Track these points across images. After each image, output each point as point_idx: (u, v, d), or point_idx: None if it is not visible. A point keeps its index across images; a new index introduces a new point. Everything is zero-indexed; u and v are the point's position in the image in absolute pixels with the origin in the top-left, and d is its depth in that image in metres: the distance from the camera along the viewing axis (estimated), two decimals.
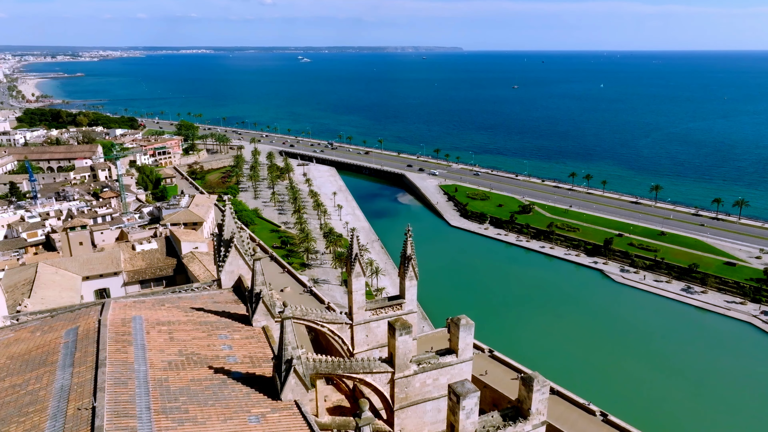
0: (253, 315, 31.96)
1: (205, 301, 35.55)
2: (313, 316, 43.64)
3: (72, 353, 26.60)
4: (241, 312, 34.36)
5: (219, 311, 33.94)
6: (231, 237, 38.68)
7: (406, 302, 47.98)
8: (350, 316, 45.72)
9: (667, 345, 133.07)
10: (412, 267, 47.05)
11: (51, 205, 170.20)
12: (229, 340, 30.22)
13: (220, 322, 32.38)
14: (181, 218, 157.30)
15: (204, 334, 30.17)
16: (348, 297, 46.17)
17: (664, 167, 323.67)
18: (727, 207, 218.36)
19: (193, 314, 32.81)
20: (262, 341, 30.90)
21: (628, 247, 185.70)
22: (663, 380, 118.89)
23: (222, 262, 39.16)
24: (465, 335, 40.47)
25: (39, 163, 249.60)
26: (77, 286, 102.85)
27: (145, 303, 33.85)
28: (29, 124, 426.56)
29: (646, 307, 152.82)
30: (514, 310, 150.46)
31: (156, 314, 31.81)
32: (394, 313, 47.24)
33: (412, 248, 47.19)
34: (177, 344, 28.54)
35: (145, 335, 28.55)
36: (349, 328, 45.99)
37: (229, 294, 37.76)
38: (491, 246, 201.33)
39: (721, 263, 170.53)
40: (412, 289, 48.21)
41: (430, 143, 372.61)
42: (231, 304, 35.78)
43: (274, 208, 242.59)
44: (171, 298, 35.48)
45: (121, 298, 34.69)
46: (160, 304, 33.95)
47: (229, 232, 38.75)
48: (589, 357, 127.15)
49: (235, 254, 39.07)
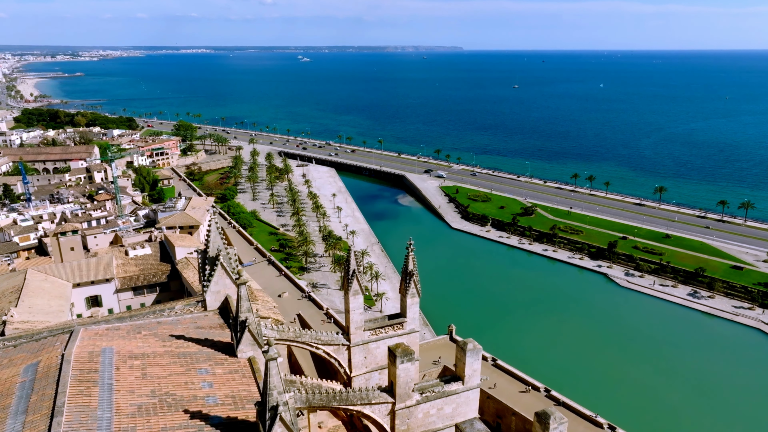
0: (237, 345, 28.81)
1: (187, 327, 32.33)
2: (307, 337, 40.35)
3: (28, 396, 23.39)
4: (225, 339, 31.16)
5: (201, 339, 30.72)
6: (217, 254, 35.46)
7: (407, 321, 44.66)
8: (347, 337, 42.44)
9: (675, 352, 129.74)
10: (414, 283, 43.75)
11: (45, 208, 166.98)
12: (210, 375, 26.98)
13: (202, 353, 29.14)
14: (177, 221, 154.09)
15: (182, 369, 26.93)
16: (345, 316, 42.86)
17: (666, 168, 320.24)
18: (733, 209, 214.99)
19: (171, 344, 29.59)
20: (247, 375, 27.68)
21: (632, 250, 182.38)
22: (670, 390, 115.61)
23: (207, 282, 35.93)
24: (472, 361, 37.21)
25: (34, 165, 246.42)
26: (67, 293, 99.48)
27: (120, 330, 30.62)
28: (27, 125, 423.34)
29: (651, 312, 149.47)
30: (517, 315, 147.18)
31: (130, 345, 28.59)
32: (395, 333, 43.95)
33: (414, 263, 43.91)
34: (150, 382, 25.30)
35: (114, 372, 25.29)
36: (346, 350, 42.72)
37: (215, 317, 34.52)
38: (493, 249, 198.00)
39: (728, 267, 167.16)
40: (414, 307, 44.89)
41: (430, 144, 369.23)
42: (215, 330, 32.55)
43: (272, 209, 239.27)
44: (149, 324, 32.24)
45: (93, 325, 31.49)
46: (136, 331, 30.74)
47: (214, 249, 35.53)
48: (594, 365, 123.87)
49: (222, 273, 35.84)
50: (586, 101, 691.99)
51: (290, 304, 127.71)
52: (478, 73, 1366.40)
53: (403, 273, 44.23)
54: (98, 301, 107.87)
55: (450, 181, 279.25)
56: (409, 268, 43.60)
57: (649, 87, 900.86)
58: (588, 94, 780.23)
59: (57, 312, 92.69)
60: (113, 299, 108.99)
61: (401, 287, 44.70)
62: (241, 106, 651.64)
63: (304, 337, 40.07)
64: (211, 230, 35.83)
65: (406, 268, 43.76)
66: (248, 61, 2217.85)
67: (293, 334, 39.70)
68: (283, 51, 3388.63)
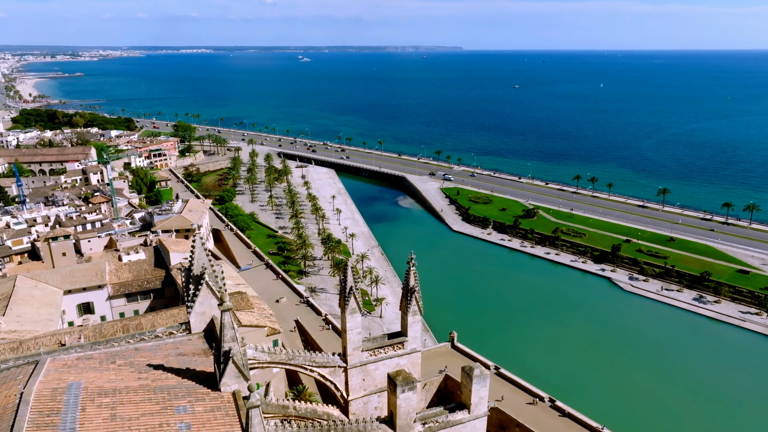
0: (221, 378, 25.99)
1: (168, 354, 29.52)
2: (301, 359, 37.48)
3: None
4: (209, 368, 28.32)
5: (182, 369, 27.88)
6: (202, 272, 32.60)
7: (408, 340, 41.76)
8: (344, 358, 39.57)
9: (682, 360, 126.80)
10: (415, 300, 40.85)
11: (39, 211, 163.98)
12: (189, 414, 24.14)
13: (181, 386, 26.28)
14: (173, 224, 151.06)
15: (157, 408, 24.07)
16: (342, 336, 39.96)
17: (668, 169, 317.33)
18: (738, 211, 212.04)
19: (148, 375, 26.75)
20: (230, 413, 24.84)
21: (636, 253, 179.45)
22: (678, 399, 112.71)
23: (191, 302, 33.08)
24: (479, 388, 34.35)
25: (30, 166, 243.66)
26: (57, 301, 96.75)
27: (92, 359, 27.75)
28: (24, 125, 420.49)
29: (657, 317, 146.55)
30: (520, 320, 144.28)
31: (101, 378, 25.75)
32: (395, 353, 41.07)
33: (416, 279, 40.99)
34: (119, 425, 22.45)
35: (78, 414, 22.42)
36: (343, 372, 39.86)
37: (199, 341, 31.68)
38: (495, 252, 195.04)
39: (734, 271, 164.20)
40: (415, 325, 41.98)
41: (430, 144, 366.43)
42: (199, 357, 29.72)
43: (271, 211, 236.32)
44: (126, 351, 29.37)
45: (63, 354, 28.64)
46: (110, 361, 27.88)
47: (199, 267, 32.67)
48: (599, 373, 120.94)
49: (207, 293, 32.99)
50: (587, 101, 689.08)
51: (288, 310, 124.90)
52: (479, 73, 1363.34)
53: (404, 289, 41.36)
54: (90, 308, 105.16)
55: (450, 182, 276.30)
56: (411, 284, 40.71)
57: (649, 87, 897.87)
58: (588, 95, 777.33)
59: (46, 321, 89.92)
60: (106, 306, 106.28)
61: (402, 304, 41.82)
62: (240, 107, 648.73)
63: (297, 359, 37.18)
64: (195, 246, 32.96)
65: (407, 284, 40.88)
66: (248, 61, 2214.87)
67: (285, 356, 36.81)
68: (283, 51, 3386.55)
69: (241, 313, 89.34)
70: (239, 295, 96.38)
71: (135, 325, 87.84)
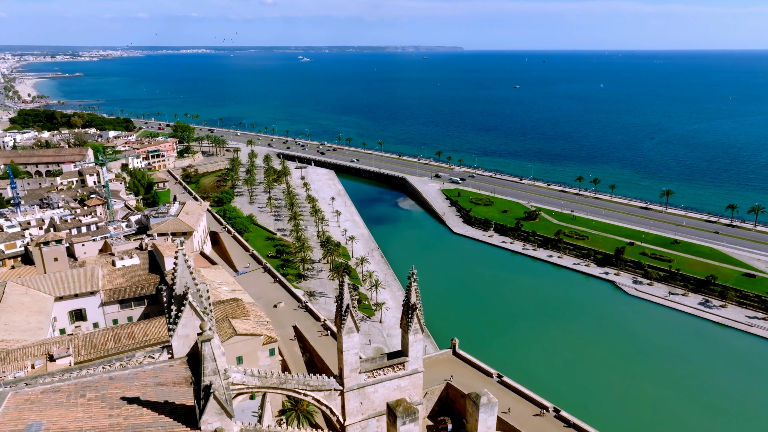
0: (201, 416, 23.31)
1: (146, 383, 26.84)
2: (294, 383, 34.80)
3: None
4: (191, 402, 25.63)
5: (159, 403, 25.23)
6: (185, 292, 29.95)
7: (409, 360, 39.04)
8: (341, 381, 36.86)
9: (689, 367, 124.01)
10: (417, 318, 38.12)
11: (33, 214, 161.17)
12: None
13: (157, 424, 23.61)
14: (169, 227, 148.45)
15: None
16: (338, 357, 37.26)
17: (671, 170, 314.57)
18: (742, 213, 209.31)
19: (121, 411, 24.09)
20: None
21: (640, 256, 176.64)
22: (686, 408, 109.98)
23: (173, 324, 30.42)
24: (486, 417, 31.68)
25: (26, 167, 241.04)
26: (48, 308, 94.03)
27: (59, 393, 25.05)
28: (23, 126, 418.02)
29: (662, 322, 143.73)
30: (522, 326, 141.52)
31: (67, 416, 23.09)
32: (395, 374, 38.35)
33: (418, 295, 38.28)
34: None
35: None
36: (339, 395, 37.17)
37: (182, 367, 28.99)
38: (496, 255, 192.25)
39: (740, 274, 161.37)
40: (417, 344, 39.26)
41: (430, 145, 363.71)
42: (180, 387, 27.05)
43: (270, 213, 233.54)
44: (99, 381, 26.66)
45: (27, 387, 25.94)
46: (79, 394, 25.19)
47: (182, 286, 30.00)
48: (604, 381, 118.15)
49: (191, 314, 30.33)
50: (587, 102, 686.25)
51: (286, 315, 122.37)
52: (479, 73, 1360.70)
53: (404, 306, 38.67)
54: (82, 315, 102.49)
55: (450, 183, 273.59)
56: (412, 300, 38.02)
57: (650, 87, 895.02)
58: (589, 95, 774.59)
59: (35, 329, 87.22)
60: (98, 313, 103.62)
61: (402, 321, 39.12)
62: (239, 107, 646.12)
63: (289, 383, 34.51)
64: (177, 263, 30.27)
65: (408, 301, 38.18)
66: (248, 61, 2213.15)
67: (277, 380, 34.13)
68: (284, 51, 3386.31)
69: (236, 321, 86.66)
70: (235, 302, 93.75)
71: (127, 333, 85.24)
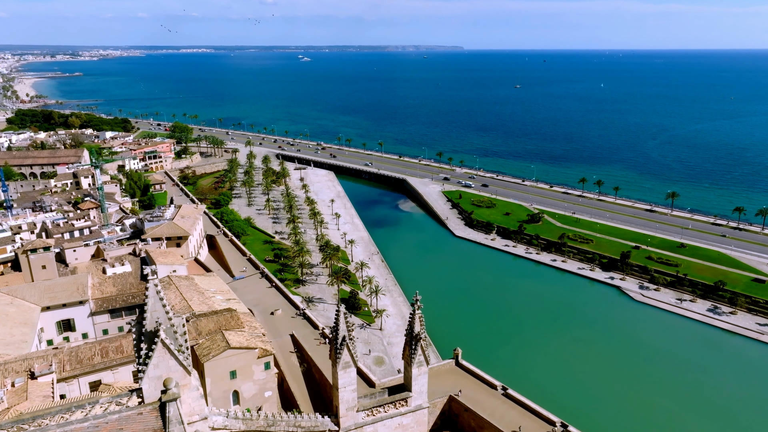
0: None
1: None
2: (284, 425, 30.94)
3: None
4: None
5: None
6: (156, 328, 26.14)
7: (413, 396, 35.18)
8: (336, 420, 33.02)
9: (700, 377, 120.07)
10: (421, 349, 34.22)
11: (25, 217, 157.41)
12: None
13: None
14: (164, 232, 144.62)
15: None
16: (333, 394, 33.38)
17: (674, 172, 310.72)
18: (749, 216, 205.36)
19: None
20: None
21: (646, 261, 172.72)
22: (697, 422, 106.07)
23: (144, 365, 26.63)
24: None
25: (21, 169, 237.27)
26: (34, 319, 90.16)
27: None
28: (20, 126, 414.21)
29: (671, 330, 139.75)
30: (527, 333, 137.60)
31: None
32: (397, 411, 34.47)
33: (422, 324, 34.40)
34: None
35: None
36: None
37: (151, 416, 25.19)
38: (499, 259, 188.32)
39: (749, 280, 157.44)
40: (421, 378, 35.41)
41: (431, 146, 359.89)
42: None
43: (268, 216, 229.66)
44: None
45: None
46: None
47: (153, 321, 26.21)
48: (612, 393, 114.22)
49: (163, 352, 26.53)
50: (589, 102, 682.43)
51: (283, 323, 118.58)
52: (479, 72, 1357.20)
53: (407, 336, 34.81)
54: (71, 326, 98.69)
55: (450, 185, 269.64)
56: (416, 330, 34.16)
57: (651, 87, 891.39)
58: (590, 95, 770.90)
59: (19, 342, 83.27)
60: (88, 323, 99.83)
61: (405, 353, 35.28)
62: (239, 107, 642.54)
63: (278, 425, 30.66)
64: (148, 295, 26.44)
65: (412, 330, 34.32)
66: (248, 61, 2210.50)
67: (264, 422, 30.29)
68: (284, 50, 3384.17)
69: (230, 334, 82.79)
70: (229, 313, 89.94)
71: (115, 347, 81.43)
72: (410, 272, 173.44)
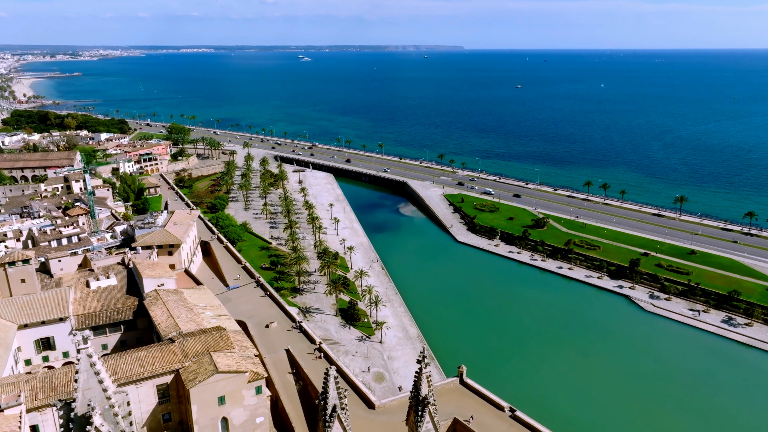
0: None
1: None
2: None
3: None
4: None
5: None
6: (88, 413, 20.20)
7: None
8: None
9: (715, 392, 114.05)
10: (429, 416, 28.09)
11: (11, 224, 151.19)
12: None
13: None
14: (155, 239, 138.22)
15: None
16: None
17: (680, 174, 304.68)
18: (761, 221, 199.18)
19: None
20: None
21: (655, 268, 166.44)
22: None
23: None
24: None
25: (11, 172, 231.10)
26: (8, 339, 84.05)
27: None
28: (15, 127, 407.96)
29: (684, 343, 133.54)
30: (534, 347, 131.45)
31: None
32: None
33: (430, 385, 28.28)
34: None
35: None
36: None
37: None
38: (503, 266, 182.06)
39: (764, 289, 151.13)
40: None
41: (432, 148, 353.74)
42: None
43: (265, 220, 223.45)
44: None
45: None
46: None
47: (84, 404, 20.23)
48: (625, 412, 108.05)
49: None
50: (590, 102, 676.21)
51: (278, 337, 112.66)
52: (480, 72, 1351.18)
53: (412, 399, 28.74)
54: (50, 344, 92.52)
55: (451, 188, 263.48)
56: (423, 392, 28.00)
57: (653, 87, 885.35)
58: (591, 95, 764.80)
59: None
60: (69, 341, 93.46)
61: (410, 419, 29.13)
62: (238, 107, 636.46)
63: None
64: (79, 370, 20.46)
65: (418, 393, 28.19)
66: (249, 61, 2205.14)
67: None
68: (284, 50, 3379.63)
69: (218, 356, 76.78)
70: (218, 332, 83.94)
71: None
72: (411, 280, 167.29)
